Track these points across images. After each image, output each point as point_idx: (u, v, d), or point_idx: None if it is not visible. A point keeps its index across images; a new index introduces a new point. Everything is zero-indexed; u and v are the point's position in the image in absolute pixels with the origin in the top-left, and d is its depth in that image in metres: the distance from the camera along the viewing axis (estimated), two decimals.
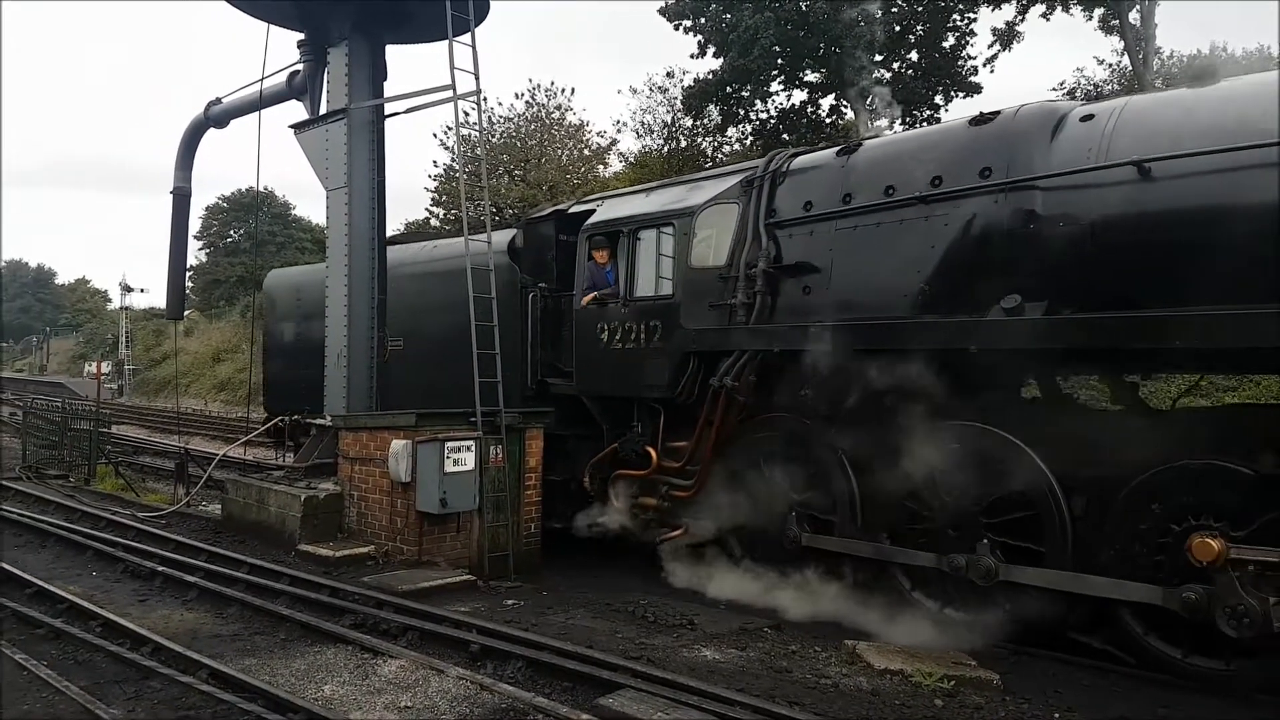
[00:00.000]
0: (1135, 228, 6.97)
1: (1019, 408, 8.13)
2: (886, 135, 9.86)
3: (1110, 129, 7.34)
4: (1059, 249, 7.29)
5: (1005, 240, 7.62)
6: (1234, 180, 6.51)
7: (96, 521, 12.09)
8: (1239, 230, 6.41)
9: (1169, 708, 6.41)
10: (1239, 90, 7.09)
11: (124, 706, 5.91)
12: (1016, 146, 7.75)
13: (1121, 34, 25.17)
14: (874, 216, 8.51)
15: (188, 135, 15.53)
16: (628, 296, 10.42)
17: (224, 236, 62.72)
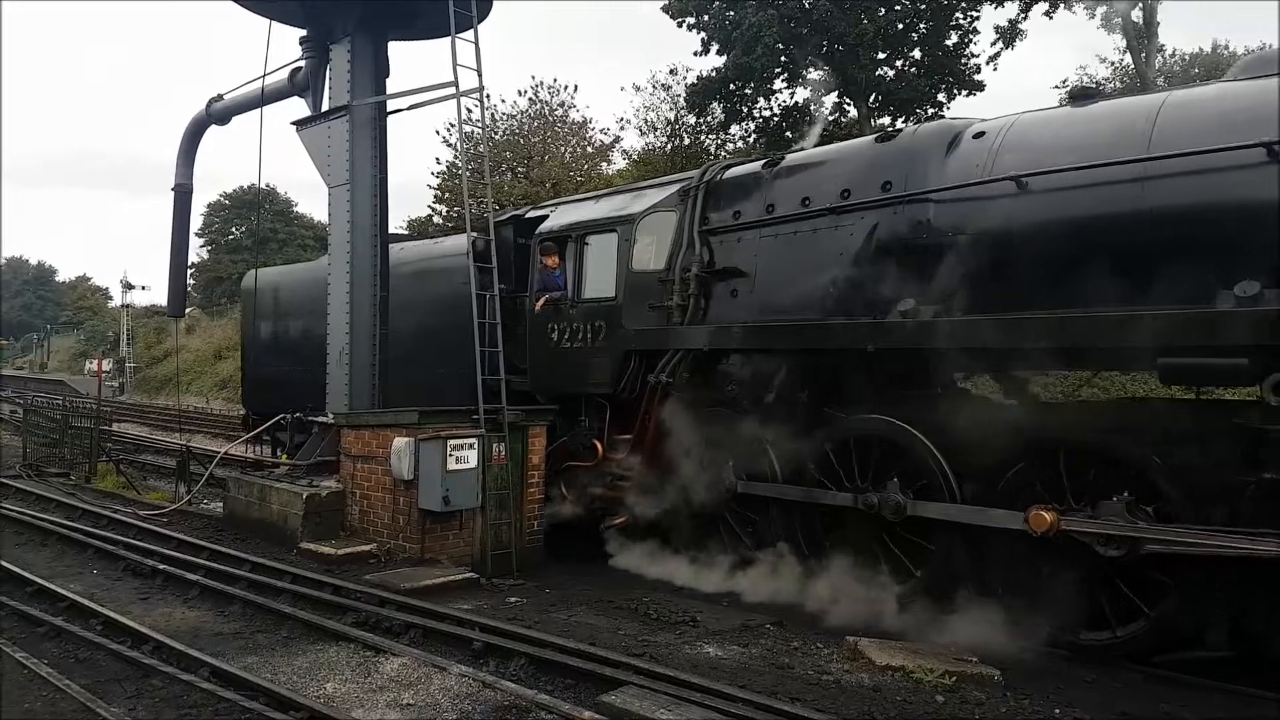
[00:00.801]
0: (1014, 237, 7.66)
1: (918, 401, 8.61)
2: (807, 150, 10.57)
3: (997, 146, 8.03)
4: (949, 257, 7.95)
5: (903, 248, 8.32)
6: (1095, 194, 7.20)
7: (97, 520, 12.10)
8: (1101, 240, 7.13)
9: (1170, 704, 6.41)
10: (1105, 111, 7.84)
11: (125, 705, 5.92)
12: (914, 162, 8.47)
13: (1124, 32, 25.14)
14: (792, 225, 9.25)
15: (189, 132, 15.54)
16: (575, 298, 10.99)
17: (226, 234, 62.80)
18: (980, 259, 7.79)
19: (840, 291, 8.68)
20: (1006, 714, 6.01)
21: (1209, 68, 24.44)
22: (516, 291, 11.86)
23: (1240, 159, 6.53)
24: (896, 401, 8.54)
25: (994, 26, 25.60)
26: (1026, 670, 7.06)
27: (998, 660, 7.02)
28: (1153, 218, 6.92)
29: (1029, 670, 7.08)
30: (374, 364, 11.86)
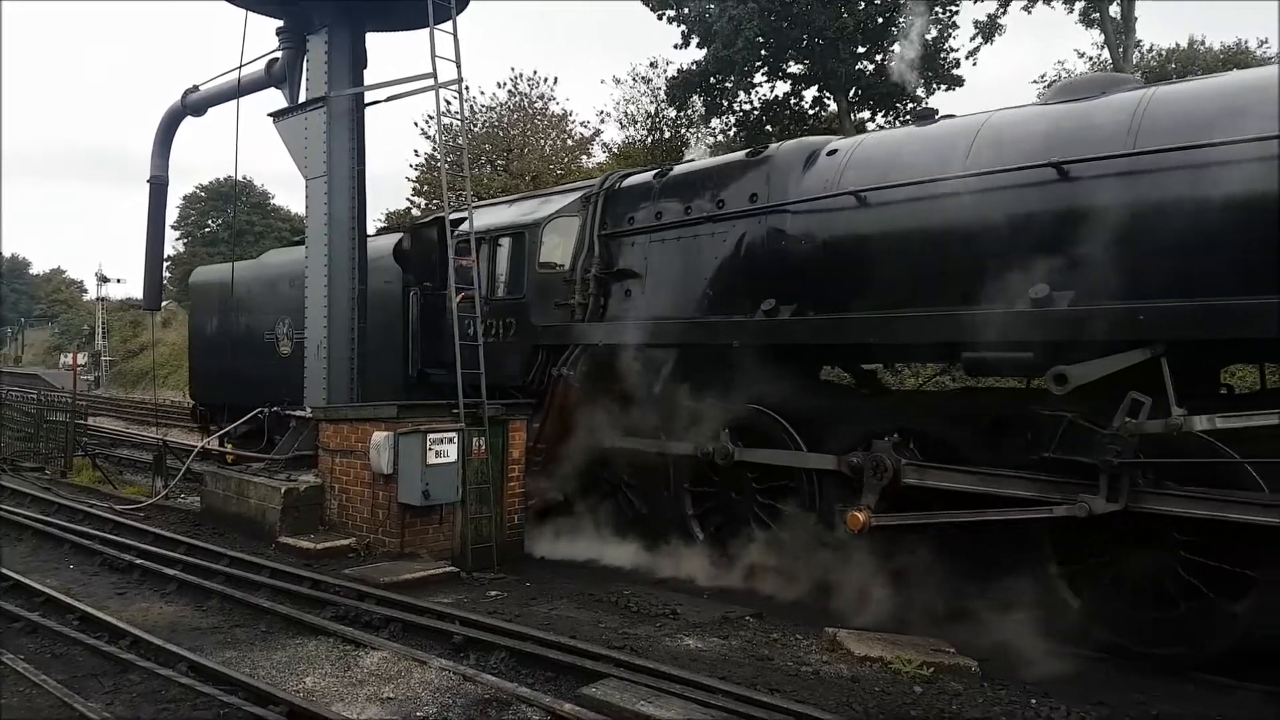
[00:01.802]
0: (854, 246, 8.61)
1: (783, 391, 9.25)
2: (692, 162, 11.60)
3: (844, 163, 8.90)
4: (802, 262, 8.91)
5: (765, 254, 9.29)
6: (919, 208, 8.09)
7: (74, 514, 11.99)
8: (924, 249, 8.04)
9: (1146, 695, 6.48)
10: (937, 131, 8.75)
11: (102, 700, 5.87)
12: (776, 176, 9.36)
13: (1102, 27, 25.32)
14: (676, 231, 10.21)
15: (164, 124, 15.39)
16: (489, 296, 11.70)
17: (202, 226, 62.22)
18: (829, 265, 8.74)
19: (716, 292, 9.67)
20: (984, 704, 6.06)
21: (1185, 63, 24.63)
22: (440, 289, 12.44)
23: (1034, 177, 7.40)
24: (770, 391, 9.27)
25: (973, 21, 25.76)
26: (1003, 661, 7.14)
27: (974, 651, 7.10)
28: (966, 229, 7.78)
29: (1006, 661, 7.15)
30: (352, 357, 11.81)
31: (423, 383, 12.64)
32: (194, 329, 18.80)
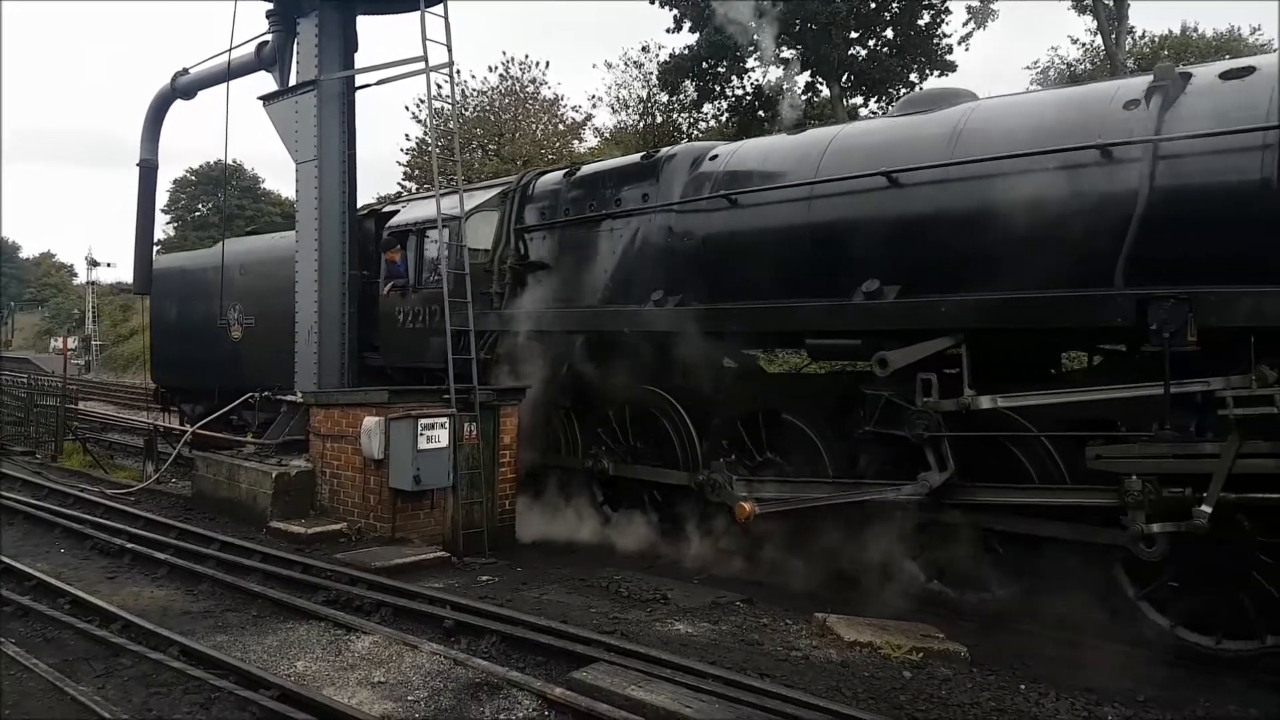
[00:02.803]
0: (726, 243, 9.44)
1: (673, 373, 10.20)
2: (598, 162, 12.51)
3: (722, 167, 9.79)
4: (686, 257, 9.72)
5: (654, 249, 10.09)
6: (778, 211, 9.01)
7: (64, 498, 11.97)
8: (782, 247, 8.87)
9: (1135, 680, 6.54)
10: (801, 140, 9.60)
11: (94, 684, 5.88)
12: (665, 178, 10.21)
13: (1095, 14, 25.29)
14: (581, 227, 10.98)
15: (154, 107, 15.30)
16: (415, 285, 12.54)
17: (192, 210, 61.79)
18: (706, 260, 9.55)
19: (615, 283, 10.44)
20: (972, 689, 6.10)
21: (1177, 50, 24.63)
22: (375, 278, 13.28)
23: (869, 184, 8.29)
24: (666, 374, 10.19)
25: (966, 7, 25.70)
26: (992, 646, 7.19)
27: (964, 636, 7.15)
28: (813, 230, 8.68)
29: (995, 646, 7.20)
30: (343, 342, 11.78)
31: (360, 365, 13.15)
32: (154, 315, 19.62)
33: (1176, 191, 6.84)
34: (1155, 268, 6.72)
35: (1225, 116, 6.76)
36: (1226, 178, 6.65)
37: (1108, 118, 7.30)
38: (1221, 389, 6.34)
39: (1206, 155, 6.75)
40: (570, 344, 10.89)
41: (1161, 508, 6.53)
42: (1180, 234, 6.73)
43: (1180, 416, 6.62)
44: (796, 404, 9.17)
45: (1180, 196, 6.82)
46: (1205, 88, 7.10)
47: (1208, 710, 6.05)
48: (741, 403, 9.60)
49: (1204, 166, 6.77)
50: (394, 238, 13.00)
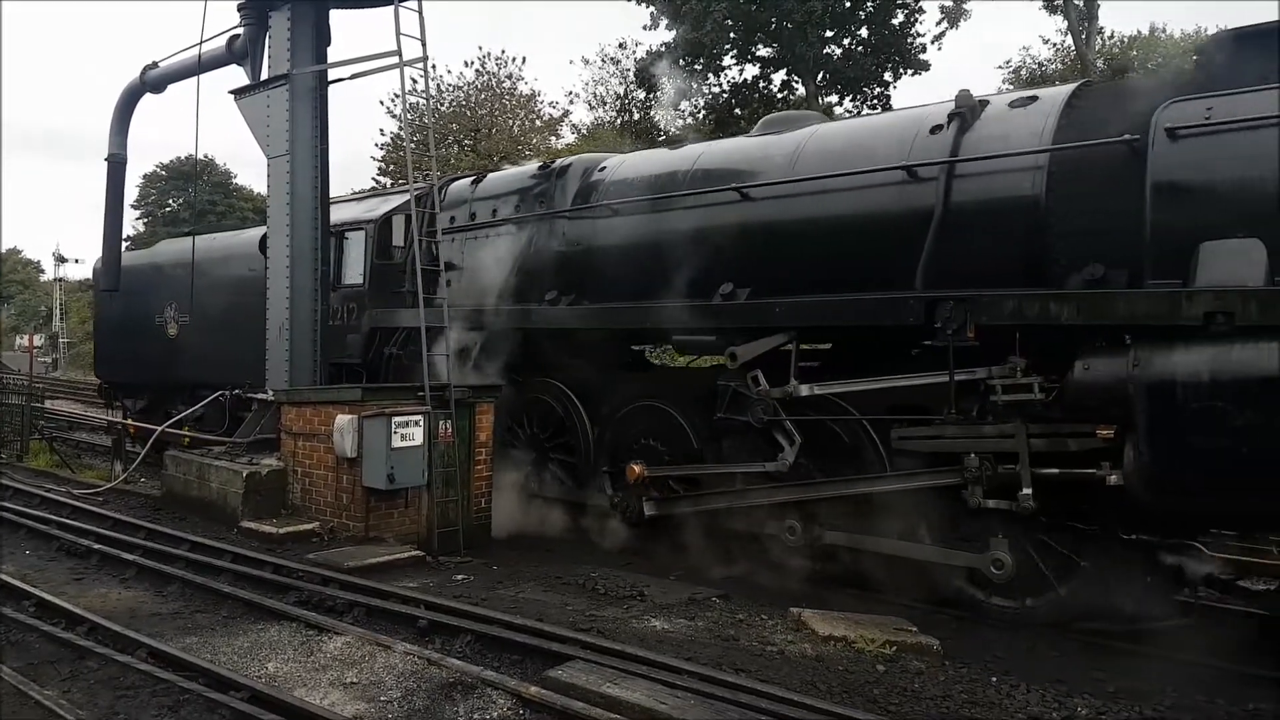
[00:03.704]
0: (607, 248, 10.28)
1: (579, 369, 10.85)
2: (504, 170, 13.50)
3: (609, 178, 10.68)
4: (575, 261, 10.56)
5: (548, 253, 10.90)
6: (651, 220, 9.94)
7: (30, 499, 11.79)
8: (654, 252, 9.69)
9: (1105, 671, 6.61)
10: (675, 155, 10.58)
11: (59, 687, 5.78)
12: (559, 187, 11.10)
13: (1065, 14, 25.52)
14: (485, 230, 11.73)
15: (123, 101, 15.09)
16: (337, 284, 12.99)
17: (162, 206, 60.94)
18: (591, 263, 10.39)
19: (515, 283, 11.11)
20: (945, 682, 6.13)
21: (1146, 50, 24.90)
22: None
23: (724, 198, 9.31)
24: (568, 369, 10.87)
25: (939, 7, 25.85)
26: (965, 639, 7.25)
27: (936, 630, 7.19)
28: (681, 237, 9.56)
29: (967, 639, 7.26)
30: (315, 339, 11.67)
31: None
32: (97, 313, 20.08)
33: (965, 206, 7.77)
34: (948, 274, 7.63)
35: (1009, 141, 7.71)
36: (1006, 195, 7.59)
37: (916, 141, 8.26)
38: (990, 378, 7.26)
39: (991, 175, 7.72)
40: (474, 341, 11.40)
41: (997, 484, 7.24)
42: (967, 244, 7.68)
43: (968, 402, 7.53)
44: (669, 395, 10.03)
45: (968, 211, 7.75)
46: (996, 115, 8.06)
47: (1176, 700, 6.11)
48: (625, 393, 10.39)
49: (988, 185, 7.72)
50: None
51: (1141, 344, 6.44)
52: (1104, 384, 6.57)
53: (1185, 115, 6.67)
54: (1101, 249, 7.03)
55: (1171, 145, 6.67)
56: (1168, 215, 6.63)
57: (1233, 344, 6.05)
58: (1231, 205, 6.42)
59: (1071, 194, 7.28)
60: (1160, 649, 6.94)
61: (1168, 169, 6.68)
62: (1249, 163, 6.40)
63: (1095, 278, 6.98)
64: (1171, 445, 6.30)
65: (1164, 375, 6.27)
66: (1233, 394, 5.99)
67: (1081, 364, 6.74)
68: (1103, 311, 6.73)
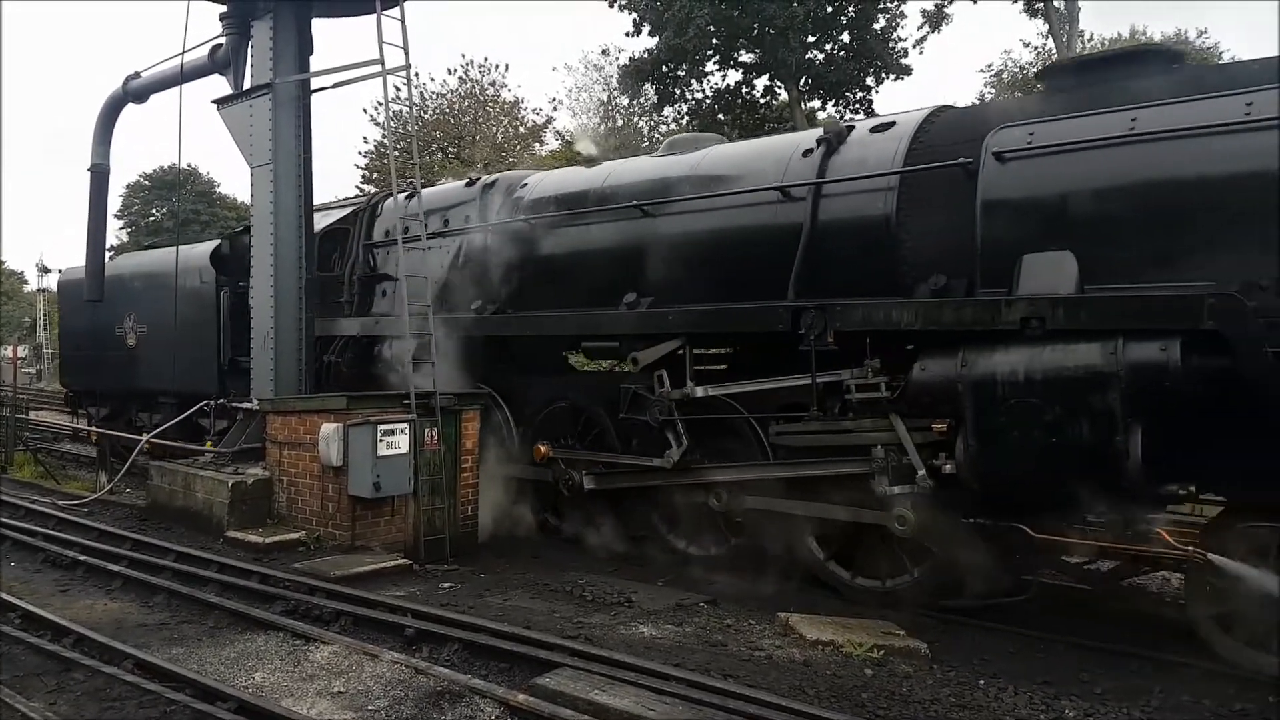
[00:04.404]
0: (526, 260, 10.97)
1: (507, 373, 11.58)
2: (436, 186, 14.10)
3: (531, 195, 11.37)
4: (499, 272, 11.13)
5: (474, 265, 11.58)
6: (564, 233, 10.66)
7: (15, 510, 11.69)
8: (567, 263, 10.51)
9: (1091, 673, 6.65)
10: (591, 172, 11.17)
11: (45, 699, 5.75)
12: (484, 203, 11.81)
13: (1046, 18, 25.69)
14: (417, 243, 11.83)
15: (105, 111, 15.02)
16: None
17: (146, 215, 60.64)
18: (511, 274, 11.03)
19: (445, 293, 11.65)
20: (933, 686, 6.17)
21: None
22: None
23: (625, 214, 9.99)
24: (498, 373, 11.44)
25: (921, 11, 25.98)
26: (952, 643, 7.29)
27: (924, 633, 7.23)
28: (588, 250, 10.36)
29: (955, 643, 7.30)
30: (300, 348, 11.64)
31: (234, 369, 14.33)
32: (61, 323, 20.86)
33: (830, 223, 8.56)
34: (817, 285, 8.40)
35: (867, 164, 8.49)
36: (864, 213, 8.36)
37: (792, 163, 9.02)
38: (846, 379, 8.05)
39: (850, 195, 8.50)
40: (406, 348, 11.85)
41: (901, 474, 7.72)
42: (833, 258, 8.47)
43: (832, 401, 8.32)
44: (588, 396, 10.64)
45: (832, 228, 8.54)
46: (859, 139, 8.81)
47: (1163, 701, 6.16)
48: (546, 395, 10.99)
49: (849, 204, 8.50)
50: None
51: (969, 346, 7.10)
52: (938, 383, 7.29)
53: (1011, 140, 7.35)
54: (944, 261, 7.75)
55: (998, 167, 7.35)
56: (995, 231, 7.32)
57: (1044, 346, 6.73)
58: (1048, 221, 7.12)
59: (918, 212, 8.05)
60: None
61: (995, 189, 7.36)
62: (1063, 182, 7.12)
63: (939, 287, 7.72)
64: (994, 437, 6.99)
65: (987, 374, 6.95)
66: (1043, 390, 6.66)
67: (919, 365, 7.46)
68: (936, 318, 7.45)
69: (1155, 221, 6.69)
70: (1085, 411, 6.50)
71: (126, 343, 16.85)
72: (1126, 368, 6.36)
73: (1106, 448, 6.44)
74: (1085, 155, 7.00)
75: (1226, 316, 6.12)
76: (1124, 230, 6.80)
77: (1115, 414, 6.38)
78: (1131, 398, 6.35)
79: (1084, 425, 6.51)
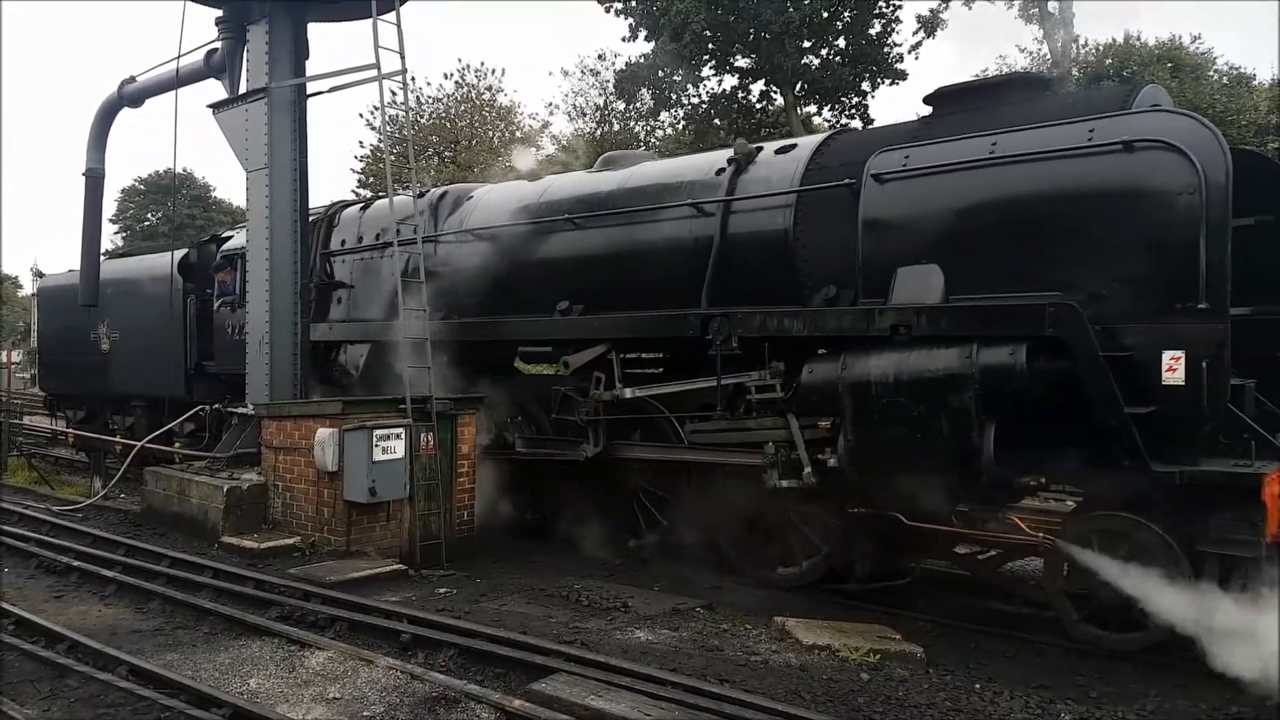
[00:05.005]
0: (465, 269, 11.53)
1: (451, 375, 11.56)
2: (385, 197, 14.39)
3: (475, 207, 11.95)
4: (446, 281, 11.58)
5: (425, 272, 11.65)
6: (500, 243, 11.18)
7: (8, 516, 11.67)
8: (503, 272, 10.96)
9: (1086, 677, 6.65)
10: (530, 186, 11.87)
11: (39, 706, 5.74)
12: (432, 214, 12.40)
13: (1041, 23, 25.75)
14: (368, 253, 12.99)
15: (100, 115, 15.00)
16: (239, 301, 13.84)
17: (141, 220, 60.57)
18: (456, 283, 11.45)
19: (391, 300, 11.59)
20: (929, 690, 6.16)
21: (1121, 58, 25.13)
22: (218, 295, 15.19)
23: (559, 226, 10.69)
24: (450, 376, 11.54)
25: (915, 16, 26.02)
26: (948, 647, 7.29)
27: (920, 637, 7.23)
28: (526, 260, 10.91)
29: (951, 647, 7.30)
30: (296, 352, 11.62)
31: (200, 372, 15.43)
32: (41, 329, 21.72)
33: (738, 238, 9.23)
34: (727, 294, 9.09)
35: (770, 183, 9.15)
36: (767, 228, 9.03)
37: (705, 180, 9.71)
38: (747, 381, 8.64)
39: (755, 212, 9.17)
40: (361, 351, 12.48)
41: (790, 469, 8.31)
42: (739, 269, 9.15)
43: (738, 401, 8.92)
44: (527, 397, 11.18)
45: (740, 242, 9.21)
46: (765, 160, 9.44)
47: (1158, 704, 6.16)
48: (494, 397, 11.24)
49: (754, 220, 9.17)
50: (225, 260, 14.96)
51: (849, 351, 7.74)
52: (822, 384, 7.92)
53: (888, 163, 7.97)
54: (835, 273, 8.43)
55: (877, 188, 7.98)
56: (874, 245, 7.97)
57: (911, 351, 7.34)
58: (918, 237, 7.74)
59: (812, 228, 8.73)
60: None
61: (873, 208, 8.00)
62: (932, 202, 7.73)
63: (830, 296, 8.45)
64: (869, 433, 7.58)
65: (862, 377, 7.56)
66: (910, 391, 7.25)
67: (807, 369, 8.07)
68: (821, 325, 8.18)
69: (1010, 237, 7.30)
70: (945, 410, 7.06)
71: (101, 347, 17.54)
72: (980, 370, 6.90)
73: (964, 443, 6.98)
74: (951, 177, 7.62)
75: (1065, 324, 6.70)
76: (984, 245, 7.40)
77: (971, 412, 6.93)
78: (985, 398, 6.90)
79: (944, 423, 7.06)
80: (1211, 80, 21.75)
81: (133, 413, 16.88)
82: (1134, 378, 6.66)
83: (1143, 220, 6.76)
